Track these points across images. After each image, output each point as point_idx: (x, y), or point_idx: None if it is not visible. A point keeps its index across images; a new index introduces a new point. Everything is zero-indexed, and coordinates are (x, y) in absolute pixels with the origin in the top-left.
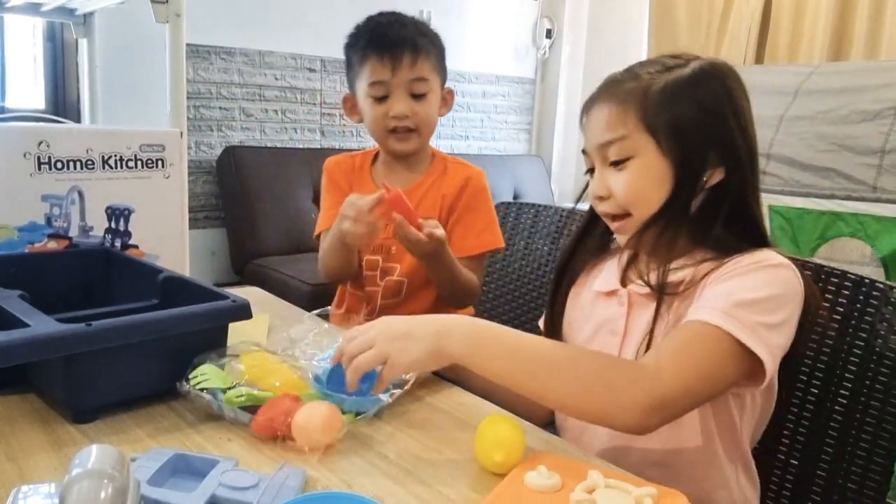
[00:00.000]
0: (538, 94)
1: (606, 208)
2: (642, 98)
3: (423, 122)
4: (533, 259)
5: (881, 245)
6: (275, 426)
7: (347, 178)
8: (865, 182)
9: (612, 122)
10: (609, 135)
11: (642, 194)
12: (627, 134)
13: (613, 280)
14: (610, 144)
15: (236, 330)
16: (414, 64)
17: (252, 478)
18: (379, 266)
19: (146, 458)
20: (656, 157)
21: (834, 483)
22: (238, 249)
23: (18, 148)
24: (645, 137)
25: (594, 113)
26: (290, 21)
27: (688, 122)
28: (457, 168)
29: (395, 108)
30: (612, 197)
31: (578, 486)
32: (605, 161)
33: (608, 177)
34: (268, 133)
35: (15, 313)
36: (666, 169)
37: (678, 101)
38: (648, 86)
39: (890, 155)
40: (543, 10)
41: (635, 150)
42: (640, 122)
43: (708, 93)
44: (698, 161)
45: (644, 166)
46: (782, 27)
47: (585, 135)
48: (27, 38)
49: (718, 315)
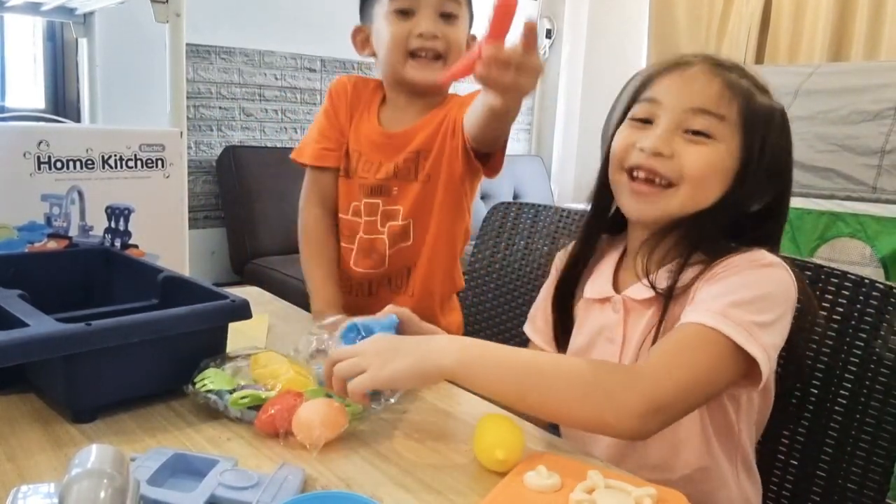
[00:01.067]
0: (538, 94)
1: (658, 166)
2: (749, 99)
3: (451, 46)
4: (533, 259)
5: (881, 245)
6: (276, 423)
7: (350, 105)
8: (865, 182)
9: (719, 97)
10: (711, 105)
11: (707, 176)
12: (728, 118)
13: (606, 286)
14: (706, 113)
15: (236, 330)
16: None
17: (251, 477)
18: (379, 210)
19: (146, 457)
20: (734, 155)
21: (834, 483)
22: (238, 249)
23: (18, 147)
24: (736, 132)
25: (698, 76)
26: (291, 21)
27: (765, 147)
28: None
29: (422, 24)
30: (672, 159)
31: (578, 486)
32: (682, 125)
33: (677, 140)
34: (268, 133)
35: (14, 313)
36: (731, 169)
37: (770, 124)
38: (753, 94)
39: (890, 155)
40: (543, 11)
41: (722, 137)
42: (739, 117)
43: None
44: (758, 184)
45: (720, 154)
46: (782, 27)
47: (668, 87)
48: (27, 37)
49: (712, 316)
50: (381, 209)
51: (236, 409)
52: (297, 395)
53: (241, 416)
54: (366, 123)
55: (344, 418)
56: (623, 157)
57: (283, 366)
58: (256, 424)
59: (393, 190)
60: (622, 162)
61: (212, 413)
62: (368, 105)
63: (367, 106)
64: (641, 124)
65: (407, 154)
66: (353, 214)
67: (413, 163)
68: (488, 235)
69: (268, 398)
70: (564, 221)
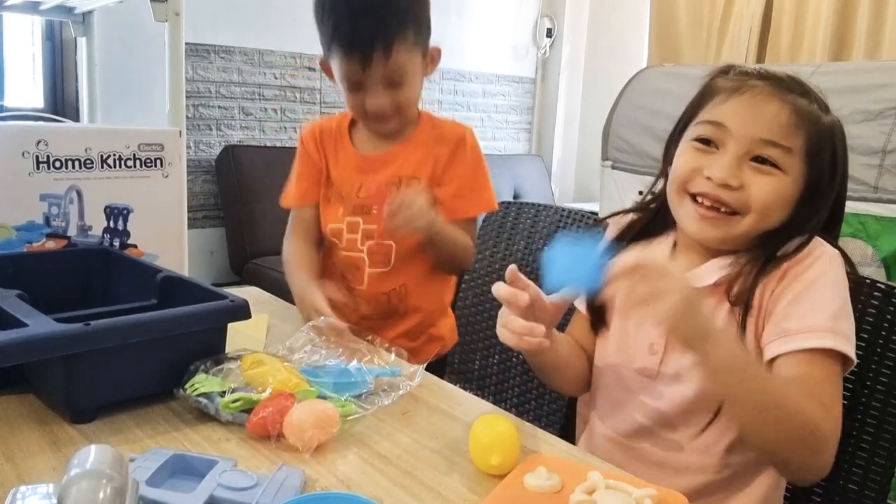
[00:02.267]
0: (538, 94)
1: (726, 197)
2: (815, 125)
3: (403, 105)
4: (532, 258)
5: (882, 245)
6: (268, 425)
7: (321, 146)
8: (866, 182)
9: (788, 128)
10: (779, 137)
11: (773, 207)
12: (794, 149)
13: None
14: (774, 146)
15: (235, 330)
16: (387, 59)
17: (251, 478)
18: (360, 227)
19: (145, 458)
20: (797, 183)
21: (835, 484)
22: (237, 249)
23: (17, 147)
24: (801, 162)
25: (767, 103)
26: (290, 20)
27: (832, 168)
28: (447, 126)
29: (370, 103)
30: (739, 191)
31: (578, 487)
32: (750, 154)
33: (745, 171)
34: (267, 132)
35: (13, 313)
36: (795, 198)
37: (836, 148)
38: (819, 116)
39: (891, 155)
40: (544, 10)
41: (789, 168)
42: (806, 146)
43: (845, 154)
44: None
45: (787, 186)
46: (783, 27)
47: (735, 113)
48: (26, 36)
49: (830, 337)
50: (360, 227)
51: (228, 413)
52: (288, 397)
53: (232, 419)
54: (343, 151)
55: (336, 420)
56: (687, 180)
57: (275, 366)
58: (248, 427)
59: (372, 209)
60: (685, 185)
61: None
62: (339, 137)
63: (338, 138)
64: (706, 146)
65: (389, 178)
66: (332, 235)
67: (396, 187)
68: (488, 235)
69: (259, 400)
70: (565, 221)
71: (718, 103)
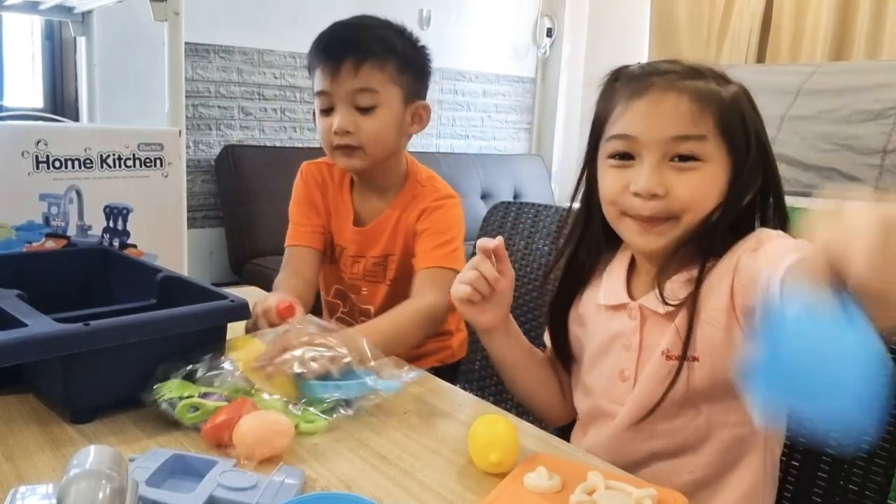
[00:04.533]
0: (538, 94)
1: (654, 209)
2: (718, 103)
3: (368, 139)
4: (533, 259)
5: None
6: (220, 433)
7: (323, 194)
8: (867, 182)
9: (693, 118)
10: (689, 129)
11: (703, 200)
12: (707, 135)
13: (620, 293)
14: (686, 140)
15: (235, 330)
16: (356, 72)
17: (250, 478)
18: (353, 304)
19: (145, 458)
20: (722, 165)
21: (835, 484)
22: (237, 249)
23: (16, 147)
24: (720, 143)
25: (664, 99)
26: (290, 20)
27: (749, 138)
28: (424, 196)
29: (336, 121)
30: (668, 197)
31: (578, 487)
32: (665, 157)
33: (667, 175)
34: (267, 132)
35: (12, 313)
36: (725, 179)
37: (745, 115)
38: (719, 91)
39: (892, 155)
40: (544, 9)
41: (709, 155)
42: (717, 127)
43: (758, 114)
44: (751, 176)
45: (712, 173)
46: (784, 27)
47: (639, 121)
48: (25, 36)
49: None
50: (354, 303)
51: (187, 422)
52: (243, 404)
53: (192, 426)
54: (343, 213)
55: (287, 432)
56: (616, 200)
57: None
58: (202, 435)
59: (362, 290)
60: (616, 206)
61: None
62: (340, 187)
63: (338, 188)
64: (623, 161)
65: (375, 259)
66: (334, 297)
67: (381, 266)
68: (488, 235)
69: (217, 408)
70: (565, 221)
71: (620, 114)
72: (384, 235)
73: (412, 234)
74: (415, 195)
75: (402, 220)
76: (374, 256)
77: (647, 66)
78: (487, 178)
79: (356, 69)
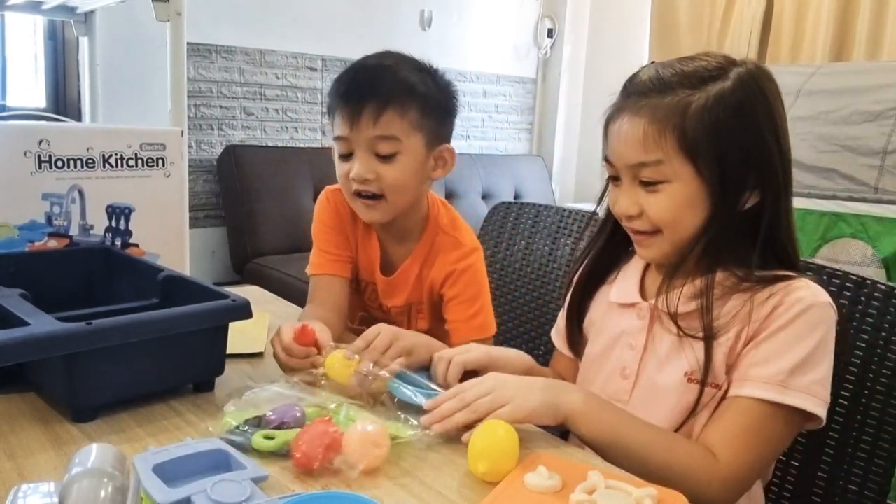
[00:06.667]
0: (539, 94)
1: (636, 226)
2: (681, 118)
3: (390, 188)
4: (533, 259)
5: (883, 246)
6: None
7: (352, 226)
8: (867, 183)
9: (648, 143)
10: (644, 156)
11: (678, 217)
12: (665, 158)
13: (633, 292)
14: (643, 166)
15: (236, 329)
16: (377, 120)
17: (243, 491)
18: None
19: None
20: (693, 180)
21: (835, 484)
22: (238, 248)
23: (19, 146)
24: (683, 162)
25: (624, 127)
26: (291, 20)
27: (729, 145)
28: (445, 247)
29: (355, 167)
30: (643, 215)
31: (578, 487)
32: (636, 179)
33: (640, 195)
34: (268, 132)
35: (15, 312)
36: (703, 192)
37: (720, 123)
38: (687, 104)
39: (892, 156)
40: (545, 10)
41: (672, 175)
42: (678, 146)
43: (751, 111)
44: (738, 184)
45: (680, 191)
46: (784, 28)
47: (611, 146)
48: (28, 36)
49: (776, 390)
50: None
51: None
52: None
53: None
54: (371, 254)
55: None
56: (615, 215)
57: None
58: (294, 465)
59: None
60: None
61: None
62: (367, 235)
63: (365, 235)
64: (614, 182)
65: (398, 308)
66: (360, 323)
67: (405, 315)
68: (489, 235)
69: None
70: (566, 221)
71: (606, 137)
72: (407, 288)
73: (437, 291)
74: (435, 244)
75: (425, 274)
76: (396, 306)
77: (633, 82)
78: (488, 178)
79: (376, 116)
